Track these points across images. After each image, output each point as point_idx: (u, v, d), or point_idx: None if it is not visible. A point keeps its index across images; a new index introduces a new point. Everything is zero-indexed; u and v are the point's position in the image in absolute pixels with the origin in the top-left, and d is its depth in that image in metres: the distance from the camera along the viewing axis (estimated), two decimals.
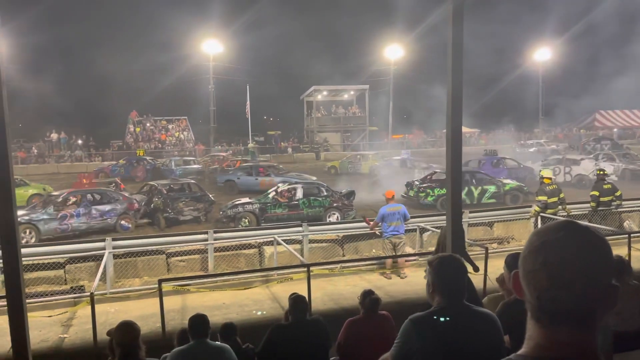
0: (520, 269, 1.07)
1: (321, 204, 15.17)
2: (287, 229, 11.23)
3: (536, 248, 1.04)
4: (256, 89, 45.97)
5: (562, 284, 1.00)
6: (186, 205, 15.61)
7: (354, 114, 47.42)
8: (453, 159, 6.05)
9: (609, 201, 11.88)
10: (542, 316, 1.04)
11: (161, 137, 43.17)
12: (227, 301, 8.40)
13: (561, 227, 1.05)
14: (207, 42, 41.42)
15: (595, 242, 1.03)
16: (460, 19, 5.72)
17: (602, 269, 1.01)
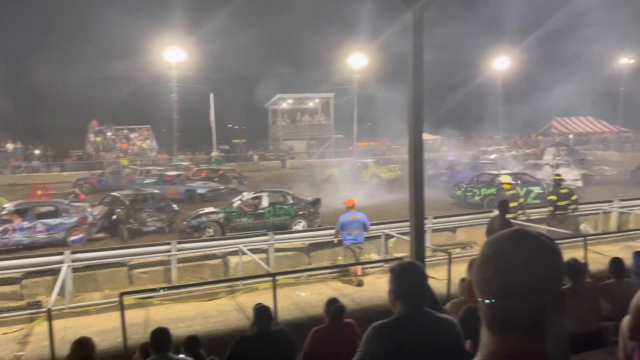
0: (473, 277, 1.09)
1: (287, 212, 15.11)
2: (253, 238, 11.13)
3: (488, 257, 1.05)
4: (220, 97, 45.68)
5: (513, 292, 1.01)
6: (150, 216, 15.33)
7: (319, 122, 47.62)
8: (415, 165, 6.14)
9: (566, 205, 12.25)
10: (494, 324, 1.05)
11: (123, 147, 42.29)
12: (191, 313, 8.24)
13: (512, 235, 1.06)
14: (170, 50, 40.89)
15: (544, 251, 1.04)
16: (420, 28, 5.83)
17: (552, 277, 1.03)
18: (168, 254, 10.27)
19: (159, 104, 45.38)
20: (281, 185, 22.63)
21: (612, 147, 46.39)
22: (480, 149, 39.75)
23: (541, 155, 34.44)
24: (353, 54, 46.55)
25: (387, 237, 11.89)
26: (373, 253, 12.25)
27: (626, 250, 9.37)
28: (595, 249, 10.58)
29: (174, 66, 41.26)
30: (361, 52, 46.41)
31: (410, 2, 5.73)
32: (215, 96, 42.95)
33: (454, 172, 24.41)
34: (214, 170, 27.31)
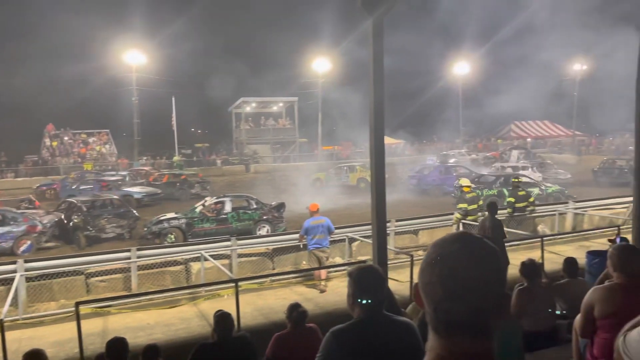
0: (419, 281, 1.10)
1: (251, 217, 15.00)
2: (215, 244, 10.99)
3: (432, 261, 1.06)
4: (183, 101, 45.00)
5: (456, 296, 1.02)
6: (109, 222, 14.96)
7: (284, 126, 47.53)
8: (376, 169, 6.20)
9: (523, 207, 12.60)
10: (439, 327, 1.06)
11: (80, 151, 41.10)
12: (151, 321, 8.07)
13: (455, 240, 1.08)
14: (130, 53, 40.04)
15: (487, 254, 1.06)
16: (380, 34, 5.90)
17: (494, 280, 1.04)
18: (127, 261, 10.03)
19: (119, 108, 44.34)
20: (245, 190, 22.44)
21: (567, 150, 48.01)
22: (441, 152, 40.51)
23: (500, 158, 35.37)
24: (317, 58, 46.68)
25: (350, 240, 11.94)
26: (337, 257, 12.28)
27: (581, 250, 9.71)
28: (552, 249, 10.91)
29: (134, 69, 40.44)
30: (325, 56, 46.59)
31: (370, 8, 5.80)
32: (177, 100, 42.30)
33: (423, 175, 24.85)
34: (175, 175, 26.85)
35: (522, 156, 32.95)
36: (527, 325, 4.25)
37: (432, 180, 24.06)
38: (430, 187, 23.80)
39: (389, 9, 5.83)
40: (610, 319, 2.91)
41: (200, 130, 67.87)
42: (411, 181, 25.17)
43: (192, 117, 51.87)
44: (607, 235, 10.89)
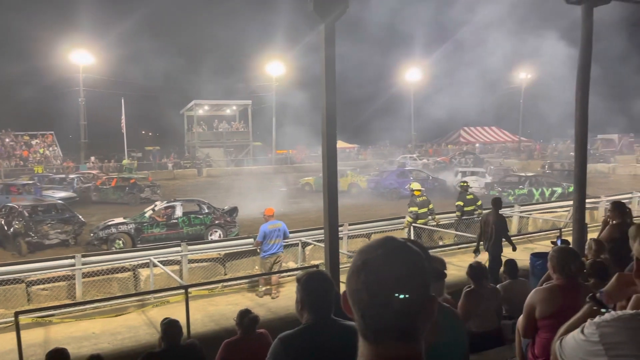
0: (346, 289, 1.09)
1: (202, 221, 14.76)
2: (165, 250, 10.73)
3: (358, 267, 1.06)
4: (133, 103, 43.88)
5: (381, 300, 1.02)
6: (52, 228, 14.37)
7: (237, 130, 47.07)
8: (329, 173, 6.21)
9: (471, 210, 12.93)
10: (367, 333, 1.06)
11: (23, 154, 39.34)
12: (97, 330, 7.78)
13: (379, 245, 1.08)
14: (77, 52, 38.68)
15: (410, 258, 1.06)
16: (332, 40, 5.93)
17: (419, 283, 1.05)
18: (72, 268, 9.65)
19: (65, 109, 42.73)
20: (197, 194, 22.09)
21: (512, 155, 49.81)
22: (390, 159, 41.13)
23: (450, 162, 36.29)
24: (271, 61, 46.57)
25: (304, 244, 11.93)
26: (290, 261, 12.24)
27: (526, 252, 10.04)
28: None
29: (81, 69, 39.08)
30: (279, 60, 46.54)
31: (322, 13, 5.82)
32: (127, 101, 41.23)
33: (381, 179, 25.23)
34: (125, 178, 26.12)
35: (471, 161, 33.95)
36: (474, 327, 4.36)
37: (389, 183, 24.45)
38: (387, 190, 24.11)
39: (341, 14, 5.87)
40: (551, 319, 3.02)
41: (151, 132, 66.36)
42: (369, 184, 25.51)
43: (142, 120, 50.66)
44: (550, 237, 11.33)
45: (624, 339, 1.27)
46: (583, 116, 7.32)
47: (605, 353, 1.29)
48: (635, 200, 17.33)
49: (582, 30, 7.17)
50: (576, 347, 1.38)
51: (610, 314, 1.35)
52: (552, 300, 3.09)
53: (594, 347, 1.31)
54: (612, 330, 1.30)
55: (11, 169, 35.59)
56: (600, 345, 1.30)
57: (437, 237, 12.78)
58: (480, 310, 4.49)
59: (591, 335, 1.33)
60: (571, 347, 1.41)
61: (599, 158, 39.78)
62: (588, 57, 7.22)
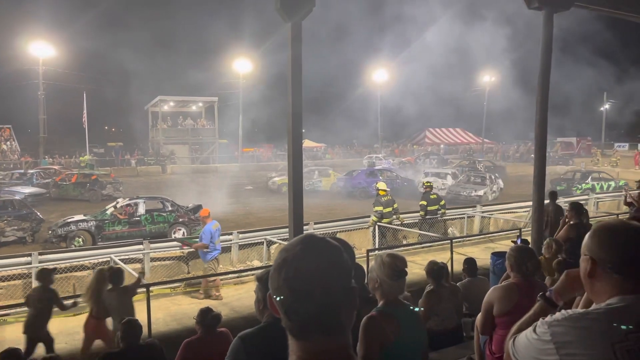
0: (270, 288, 1.11)
1: (165, 219, 14.53)
2: (126, 247, 10.54)
3: (279, 265, 1.08)
4: (95, 97, 42.78)
5: (302, 295, 1.04)
6: (8, 225, 13.93)
7: (203, 127, 46.45)
8: (294, 172, 6.21)
9: (435, 210, 13.14)
10: (293, 329, 1.08)
11: None
12: (54, 330, 7.55)
13: (299, 241, 1.10)
14: (36, 44, 37.38)
15: (328, 251, 1.09)
16: (298, 39, 5.93)
17: (337, 275, 1.08)
18: (28, 266, 9.36)
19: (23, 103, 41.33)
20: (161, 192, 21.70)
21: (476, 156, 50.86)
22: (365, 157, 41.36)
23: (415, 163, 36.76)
24: (238, 58, 46.16)
25: (269, 243, 11.89)
26: (255, 260, 12.18)
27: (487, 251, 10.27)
28: (461, 250, 11.45)
29: (41, 62, 37.81)
30: (246, 57, 46.18)
31: (289, 13, 5.81)
32: (89, 96, 40.14)
33: (351, 178, 25.22)
34: (86, 175, 25.44)
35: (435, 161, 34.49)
36: (434, 325, 4.43)
37: (357, 182, 24.51)
38: (356, 189, 24.15)
39: (307, 13, 5.87)
40: (507, 317, 3.09)
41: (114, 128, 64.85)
42: (338, 183, 25.53)
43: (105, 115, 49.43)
44: (510, 237, 11.61)
45: (574, 338, 1.31)
46: (543, 119, 7.53)
47: (556, 352, 1.32)
48: (591, 202, 17.95)
49: (543, 36, 7.37)
50: (529, 346, 1.41)
51: (561, 313, 1.39)
52: (509, 297, 3.17)
53: (545, 345, 1.35)
54: (562, 329, 1.34)
55: None
56: (552, 344, 1.33)
57: (402, 236, 12.94)
58: (440, 309, 4.56)
59: (543, 334, 1.36)
60: (524, 345, 1.44)
61: (558, 160, 41.02)
62: (548, 62, 7.43)
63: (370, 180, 24.16)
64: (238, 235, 11.94)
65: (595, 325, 1.31)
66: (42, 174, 27.02)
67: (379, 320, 2.49)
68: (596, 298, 1.44)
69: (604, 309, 1.35)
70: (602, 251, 1.41)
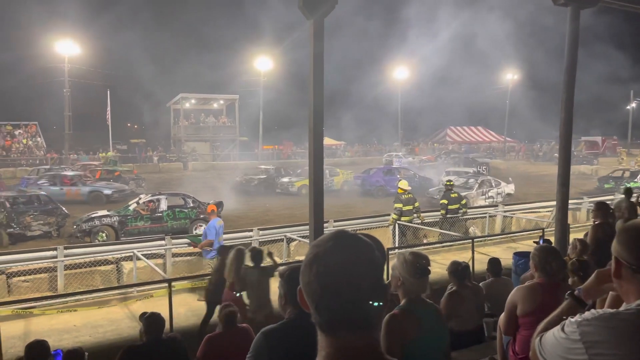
0: (301, 284, 1.11)
1: (187, 215, 14.68)
2: (149, 243, 10.68)
3: (310, 260, 1.08)
4: (119, 95, 43.41)
5: (333, 292, 1.04)
6: (35, 220, 14.21)
7: (224, 124, 46.77)
8: (315, 169, 6.21)
9: (456, 209, 13.02)
10: (323, 325, 1.08)
11: (5, 144, 38.72)
12: (78, 323, 7.71)
13: (331, 237, 1.11)
14: (62, 43, 38.05)
15: (360, 247, 1.09)
16: (320, 36, 5.92)
17: (369, 271, 1.08)
18: (54, 260, 9.55)
19: (49, 100, 42.13)
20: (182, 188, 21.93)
21: (497, 155, 50.24)
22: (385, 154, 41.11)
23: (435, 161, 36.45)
24: (259, 57, 46.34)
25: (289, 240, 11.93)
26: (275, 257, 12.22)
27: (508, 251, 10.15)
28: (482, 250, 11.35)
29: (66, 60, 38.48)
30: (267, 55, 46.34)
31: (311, 10, 5.80)
32: (113, 93, 40.76)
33: (368, 176, 25.13)
34: (109, 171, 25.85)
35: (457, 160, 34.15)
36: (455, 326, 4.39)
37: (375, 181, 24.37)
38: (374, 188, 23.99)
39: (329, 10, 5.86)
40: (531, 317, 3.05)
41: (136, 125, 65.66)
42: (356, 181, 25.44)
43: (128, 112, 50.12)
44: (533, 237, 11.45)
45: (604, 337, 1.29)
46: (568, 118, 7.41)
47: (585, 352, 1.30)
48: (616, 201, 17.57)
49: (569, 32, 7.24)
50: (556, 345, 1.40)
51: (591, 313, 1.37)
52: (533, 297, 3.13)
53: (574, 345, 1.33)
54: (592, 329, 1.32)
55: None
56: (581, 343, 1.31)
57: (422, 235, 12.85)
58: (462, 310, 4.52)
59: (571, 333, 1.35)
60: (551, 344, 1.42)
61: (582, 160, 40.28)
62: (574, 59, 7.30)
63: (388, 179, 24.02)
64: (258, 231, 12.02)
65: (626, 325, 1.29)
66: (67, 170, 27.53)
67: (401, 319, 2.48)
68: (626, 298, 1.42)
69: (634, 310, 1.33)
70: (624, 252, 1.40)
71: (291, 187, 24.78)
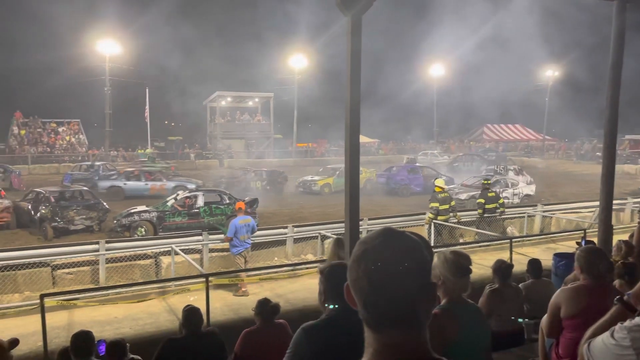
0: (348, 280, 1.12)
1: (223, 211, 14.88)
2: (186, 238, 10.88)
3: (358, 257, 1.09)
4: (157, 93, 44.30)
5: (381, 288, 1.05)
6: (77, 214, 14.64)
7: (259, 122, 47.22)
8: (351, 167, 6.20)
9: (493, 208, 12.79)
10: (370, 322, 1.08)
11: (50, 141, 40.10)
12: (119, 315, 7.92)
13: (379, 234, 1.11)
14: (103, 42, 39.12)
15: (408, 246, 1.09)
16: (358, 32, 5.89)
17: (417, 270, 1.07)
18: (96, 253, 9.85)
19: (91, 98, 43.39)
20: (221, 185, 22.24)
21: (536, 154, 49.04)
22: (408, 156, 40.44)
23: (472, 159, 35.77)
24: (294, 54, 46.54)
25: (323, 237, 11.96)
26: (309, 254, 12.30)
27: (547, 252, 9.91)
28: (520, 250, 11.11)
29: (107, 59, 39.54)
30: (302, 53, 46.48)
31: (348, 5, 5.77)
32: (151, 91, 41.65)
33: (392, 174, 24.89)
34: None
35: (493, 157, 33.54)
36: (495, 326, 4.31)
37: (400, 179, 24.04)
38: (399, 187, 23.60)
39: (368, 6, 5.82)
40: (576, 319, 2.97)
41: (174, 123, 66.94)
42: (380, 179, 25.15)
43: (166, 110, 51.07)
44: (573, 238, 11.14)
45: None
46: (613, 115, 7.16)
47: (636, 358, 1.27)
48: None
49: (614, 28, 6.99)
50: (605, 351, 1.36)
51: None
52: (578, 300, 3.05)
53: (624, 351, 1.30)
54: None
55: (38, 155, 36.32)
56: (632, 350, 1.28)
57: (458, 235, 12.69)
58: (503, 309, 4.44)
59: (622, 339, 1.31)
60: (600, 350, 1.39)
61: (626, 159, 38.89)
62: (620, 55, 7.05)
63: (412, 177, 23.70)
64: (293, 228, 12.09)
65: None
66: (107, 167, 28.30)
67: (442, 319, 2.45)
68: None
69: None
70: None
71: (314, 186, 24.40)
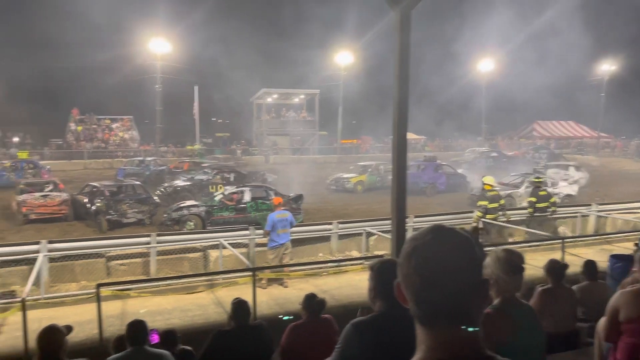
0: (399, 275, 1.12)
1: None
2: (234, 233, 11.07)
3: (408, 253, 1.09)
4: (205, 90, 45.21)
5: (433, 284, 1.05)
6: (130, 208, 15.17)
7: (304, 118, 47.46)
8: (398, 164, 6.15)
9: (544, 207, 12.39)
10: (423, 319, 1.08)
11: (104, 137, 41.67)
12: (169, 306, 8.17)
13: (429, 230, 1.11)
14: (154, 41, 40.29)
15: (459, 242, 1.09)
16: (407, 28, 5.83)
17: (468, 266, 1.07)
18: (147, 246, 10.18)
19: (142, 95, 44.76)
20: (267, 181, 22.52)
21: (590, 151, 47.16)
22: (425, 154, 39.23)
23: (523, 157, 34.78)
24: (340, 51, 46.46)
25: (368, 234, 11.92)
26: (354, 250, 12.29)
27: (602, 253, 9.53)
28: (573, 251, 10.72)
29: (158, 57, 40.69)
30: (348, 49, 46.34)
31: (396, 0, 5.72)
32: (199, 89, 42.56)
33: (419, 172, 24.11)
34: (196, 163, 27.06)
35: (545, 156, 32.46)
36: (546, 327, 4.18)
37: (428, 178, 23.15)
38: (427, 186, 22.82)
39: (417, 1, 5.75)
40: (636, 324, 2.86)
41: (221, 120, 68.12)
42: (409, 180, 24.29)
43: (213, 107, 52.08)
44: (630, 239, 10.68)
45: None
46: None
47: None
48: None
49: None
50: None
51: None
52: (638, 304, 2.92)
53: None
54: None
55: (93, 150, 37.79)
56: None
57: (507, 234, 12.37)
58: (556, 310, 4.31)
59: None
60: None
61: None
62: None
63: (436, 176, 23.18)
64: (338, 225, 12.11)
65: None
66: (157, 162, 29.19)
67: (494, 318, 2.40)
68: None
69: None
70: None
71: (347, 184, 24.01)
